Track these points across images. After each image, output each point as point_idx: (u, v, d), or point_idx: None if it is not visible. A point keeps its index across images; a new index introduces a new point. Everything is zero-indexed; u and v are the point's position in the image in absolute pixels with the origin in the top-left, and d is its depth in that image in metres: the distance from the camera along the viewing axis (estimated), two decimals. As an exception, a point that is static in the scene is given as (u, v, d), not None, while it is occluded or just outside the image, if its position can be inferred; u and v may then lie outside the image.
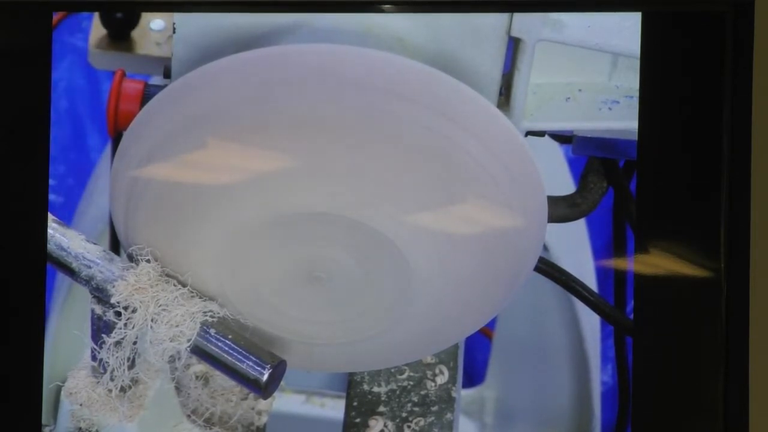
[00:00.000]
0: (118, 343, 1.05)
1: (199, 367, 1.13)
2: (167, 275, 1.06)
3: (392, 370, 1.19)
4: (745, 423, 1.03)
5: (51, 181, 1.12)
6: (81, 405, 1.08)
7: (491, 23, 1.04)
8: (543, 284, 1.18)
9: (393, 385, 1.19)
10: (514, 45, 1.06)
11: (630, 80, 1.11)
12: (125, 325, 1.04)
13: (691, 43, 1.04)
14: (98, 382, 1.07)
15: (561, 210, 1.17)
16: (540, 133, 1.12)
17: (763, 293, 1.03)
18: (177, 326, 1.03)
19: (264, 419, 1.16)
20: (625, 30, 1.05)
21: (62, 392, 1.09)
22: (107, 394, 1.07)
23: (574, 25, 1.05)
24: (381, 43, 1.04)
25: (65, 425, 1.09)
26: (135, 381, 1.07)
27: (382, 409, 1.17)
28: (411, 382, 1.19)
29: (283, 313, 1.08)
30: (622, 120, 1.10)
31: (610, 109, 1.11)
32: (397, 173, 1.00)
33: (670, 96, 1.05)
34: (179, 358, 1.05)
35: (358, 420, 1.17)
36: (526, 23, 1.04)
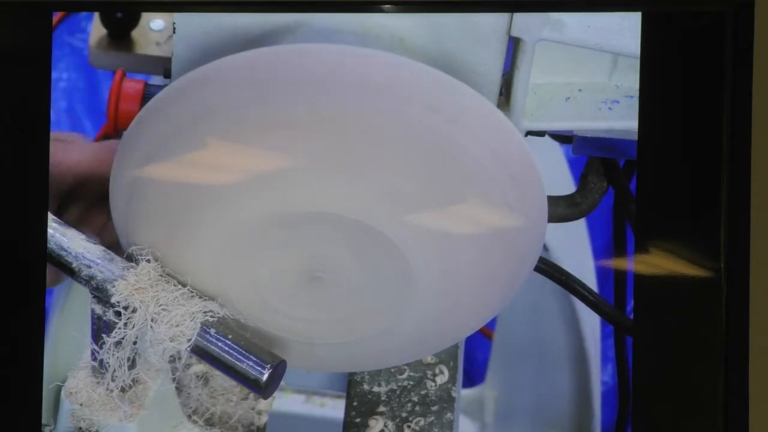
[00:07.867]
0: (118, 343, 1.05)
1: (200, 367, 1.13)
2: (167, 275, 1.06)
3: (392, 370, 1.19)
4: (745, 423, 1.03)
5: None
6: (81, 405, 1.08)
7: (491, 23, 1.04)
8: (543, 284, 1.18)
9: (393, 385, 1.19)
10: (514, 45, 1.06)
11: (630, 80, 1.11)
12: (125, 324, 1.04)
13: (691, 43, 1.04)
14: (98, 382, 1.07)
15: (561, 210, 1.17)
16: (540, 133, 1.12)
17: (763, 293, 1.03)
18: (177, 326, 1.03)
19: (264, 419, 1.16)
20: (625, 30, 1.05)
21: (62, 392, 1.09)
22: (107, 394, 1.07)
23: (574, 25, 1.05)
24: (381, 43, 1.04)
25: (65, 425, 1.09)
26: (135, 381, 1.07)
27: (382, 408, 1.17)
28: (411, 382, 1.19)
29: (283, 313, 1.08)
30: (622, 120, 1.10)
31: (610, 109, 1.11)
32: (397, 173, 1.00)
33: (670, 96, 1.05)
34: (179, 358, 1.05)
35: (358, 420, 1.17)
36: (526, 23, 1.04)
